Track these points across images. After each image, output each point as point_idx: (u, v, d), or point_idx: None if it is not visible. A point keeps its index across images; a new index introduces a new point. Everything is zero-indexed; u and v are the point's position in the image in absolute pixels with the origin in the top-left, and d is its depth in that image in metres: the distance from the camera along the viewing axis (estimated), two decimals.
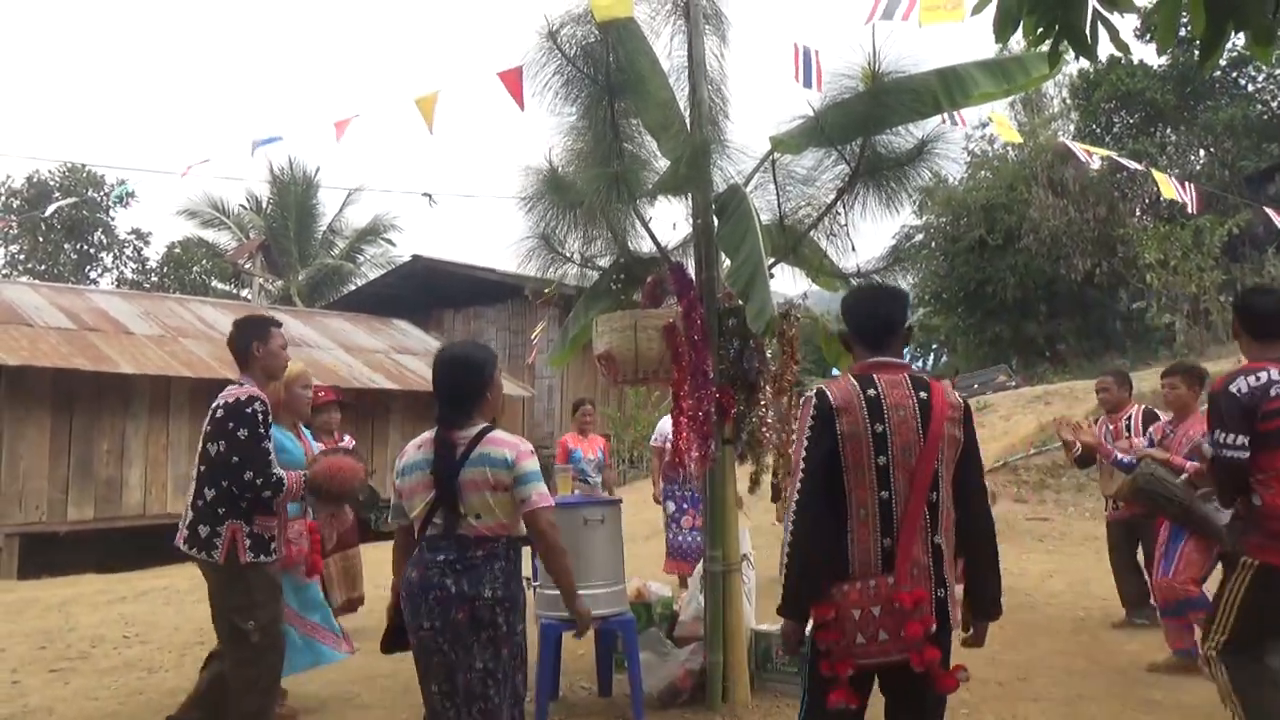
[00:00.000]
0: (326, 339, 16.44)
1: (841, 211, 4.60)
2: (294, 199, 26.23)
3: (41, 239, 29.17)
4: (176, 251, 30.53)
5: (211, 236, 27.46)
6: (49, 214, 23.77)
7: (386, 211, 35.05)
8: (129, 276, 30.76)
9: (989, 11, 2.46)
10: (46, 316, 13.30)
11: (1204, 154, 22.25)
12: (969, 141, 25.31)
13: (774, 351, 4.74)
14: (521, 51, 4.66)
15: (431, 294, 19.32)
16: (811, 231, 4.73)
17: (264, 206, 26.87)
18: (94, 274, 30.44)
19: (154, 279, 30.60)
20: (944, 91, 4.55)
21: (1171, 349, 18.36)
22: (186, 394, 13.14)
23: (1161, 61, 23.01)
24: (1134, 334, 21.58)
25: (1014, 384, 18.81)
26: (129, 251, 31.25)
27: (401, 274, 19.93)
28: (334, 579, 5.69)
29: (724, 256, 4.70)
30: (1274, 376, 3.28)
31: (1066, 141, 9.75)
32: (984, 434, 9.78)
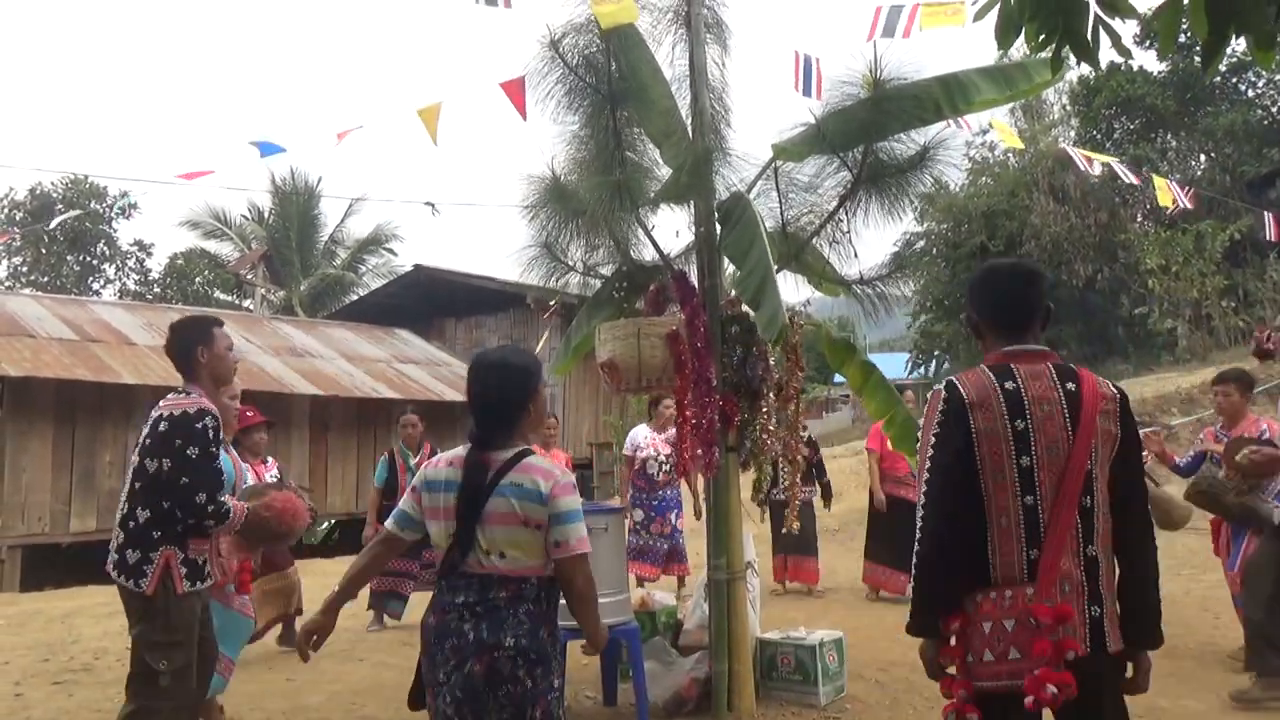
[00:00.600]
0: (329, 349, 16.45)
1: (844, 218, 4.60)
2: (296, 209, 26.32)
3: (44, 251, 29.26)
4: (179, 262, 30.62)
5: (214, 247, 27.60)
6: (53, 227, 23.85)
7: (388, 221, 35.09)
8: (131, 288, 30.83)
9: (990, 18, 2.47)
10: (49, 327, 13.31)
11: (1204, 159, 22.29)
12: (970, 149, 25.36)
13: (777, 359, 4.73)
14: (524, 62, 4.67)
15: (433, 303, 19.34)
16: (814, 239, 4.73)
17: (266, 217, 26.96)
18: (96, 285, 30.53)
19: (156, 290, 30.67)
20: (945, 98, 4.55)
21: (1174, 354, 18.35)
22: None
23: (1162, 67, 23.08)
24: (1136, 339, 21.57)
25: None
26: (131, 263, 31.35)
27: (404, 283, 19.96)
28: (259, 600, 5.44)
29: (727, 264, 4.70)
30: None
31: (1067, 148, 9.75)
32: None
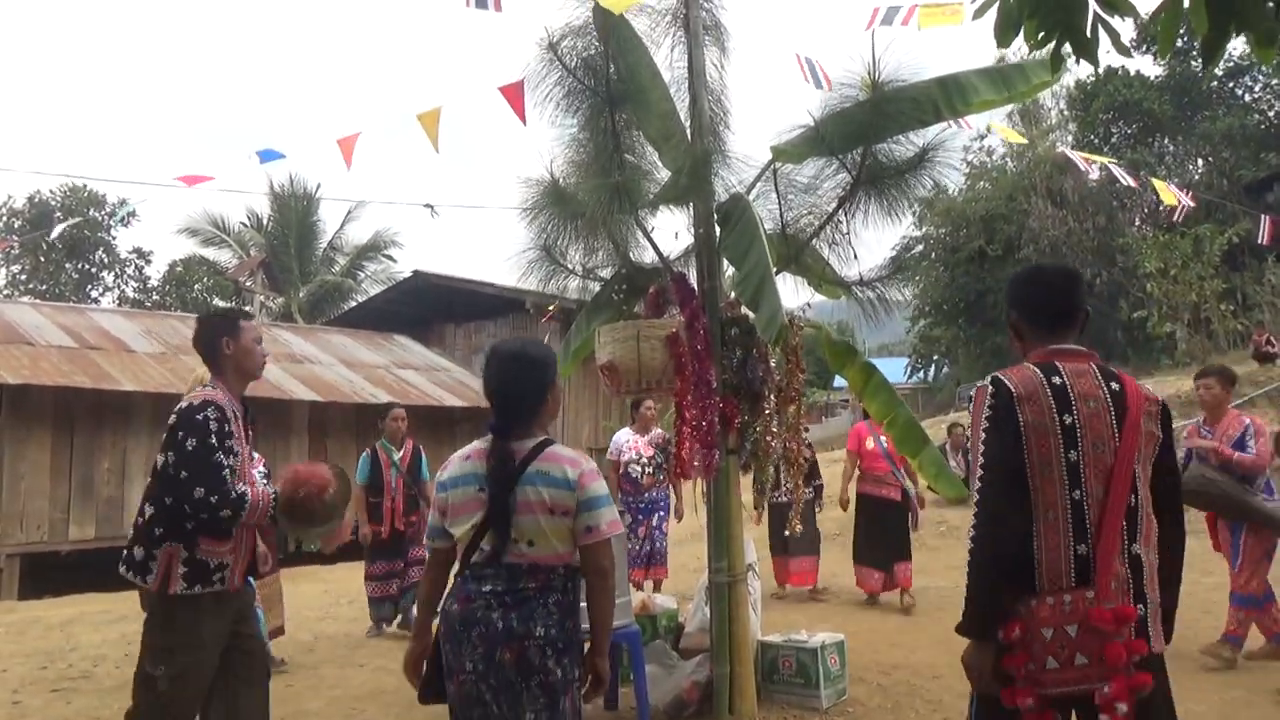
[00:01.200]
0: (328, 354, 16.44)
1: (843, 220, 4.60)
2: (295, 216, 26.34)
3: (43, 259, 29.27)
4: (178, 270, 30.63)
5: (213, 254, 27.59)
6: (54, 236, 23.85)
7: (387, 228, 35.26)
8: (130, 295, 30.84)
9: (989, 17, 2.47)
10: (48, 335, 13.30)
11: (1202, 163, 22.33)
12: (968, 153, 25.42)
13: (778, 361, 4.72)
14: (522, 66, 4.67)
15: (432, 309, 19.34)
16: (814, 240, 4.73)
17: (265, 224, 26.97)
18: (95, 293, 30.54)
19: (155, 297, 30.67)
20: (944, 99, 4.55)
21: (1173, 357, 18.36)
22: None
23: (1159, 72, 23.15)
24: (1135, 343, 21.58)
25: None
26: (130, 270, 31.37)
27: (402, 289, 19.95)
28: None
29: (726, 266, 4.70)
30: None
31: (1066, 150, 9.78)
32: None
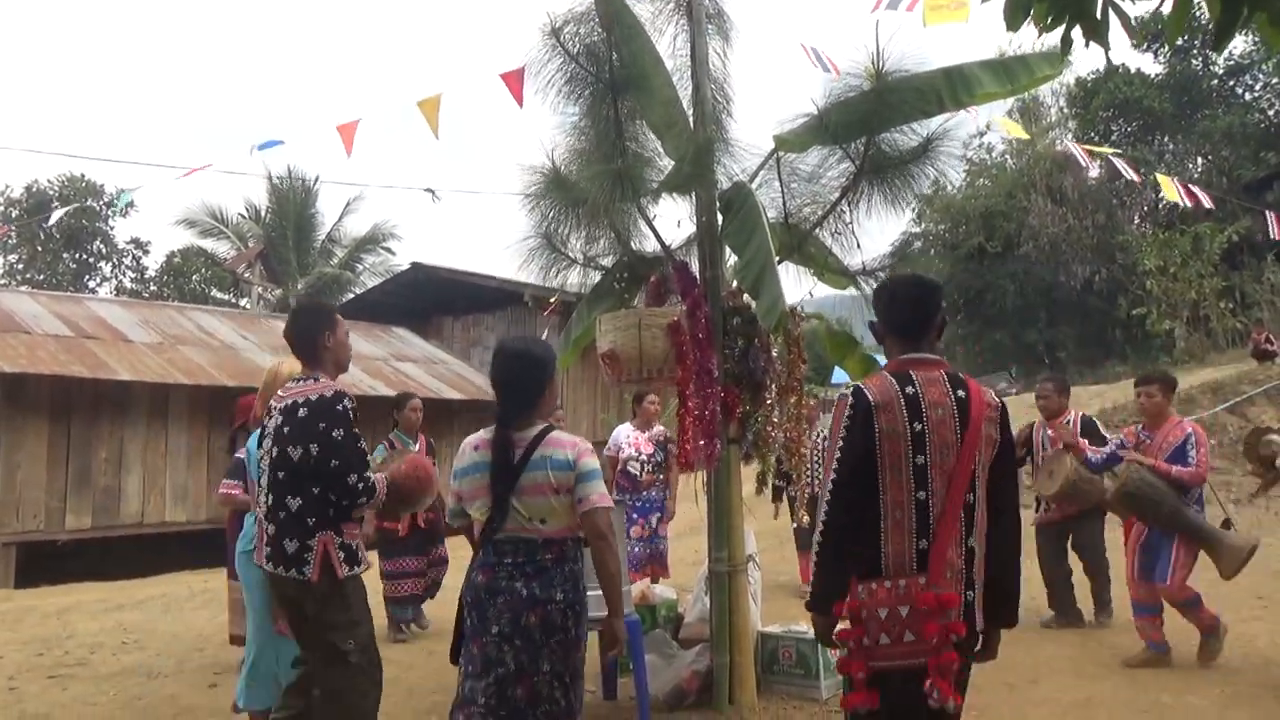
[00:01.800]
0: None
1: (846, 210, 4.58)
2: (293, 208, 26.24)
3: (40, 248, 29.16)
4: (176, 261, 30.53)
5: (210, 246, 27.46)
6: (52, 223, 23.74)
7: (386, 220, 35.12)
8: (128, 286, 30.73)
9: (998, 1, 2.45)
10: (44, 324, 13.24)
11: (1201, 162, 22.32)
12: (968, 149, 25.39)
13: (779, 351, 4.71)
14: (523, 53, 4.65)
15: (431, 301, 19.28)
16: (816, 230, 4.71)
17: (263, 216, 26.86)
18: (93, 283, 30.41)
19: (153, 288, 30.57)
20: (948, 90, 4.54)
21: (1171, 355, 18.35)
22: (185, 402, 13.09)
23: (1159, 70, 23.14)
24: (1134, 341, 21.58)
25: (1015, 391, 18.81)
26: (128, 261, 31.25)
27: (401, 281, 19.88)
28: (231, 605, 5.24)
29: (728, 255, 4.68)
30: None
31: (1070, 144, 9.75)
32: None
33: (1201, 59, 22.89)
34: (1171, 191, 8.94)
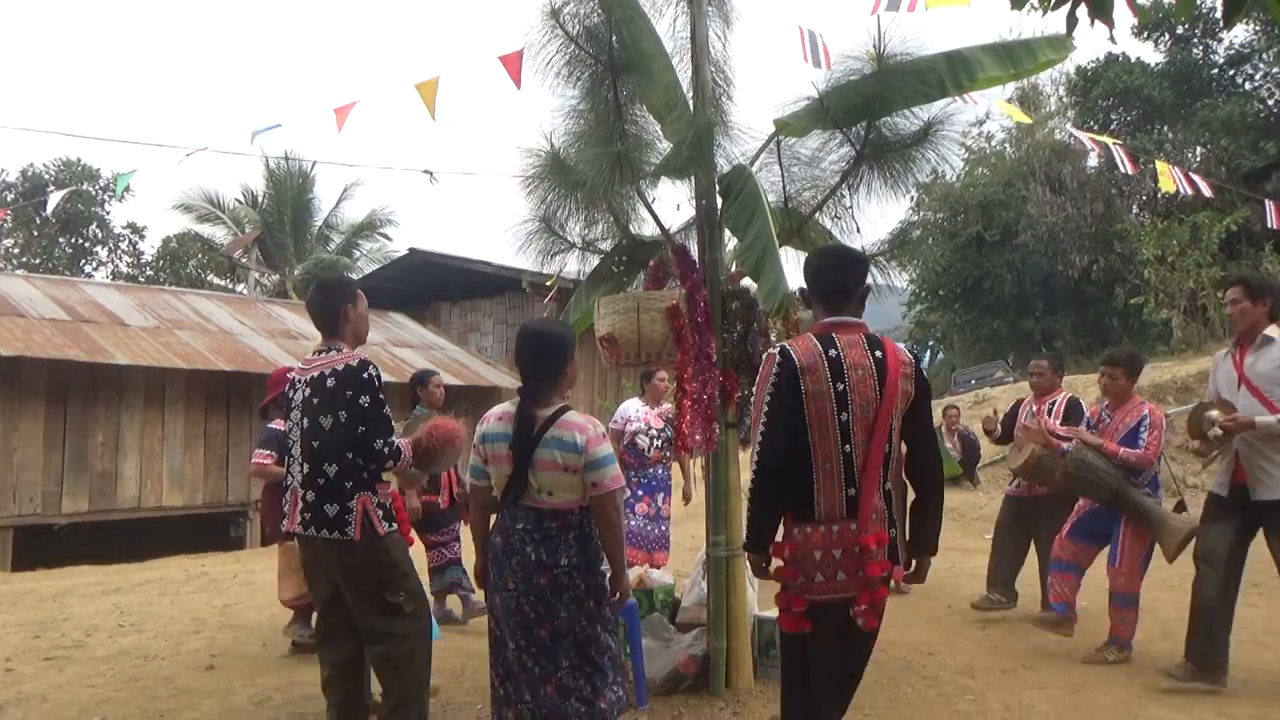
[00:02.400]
0: None
1: (846, 194, 4.56)
2: (290, 194, 26.12)
3: (36, 233, 29.04)
4: (172, 246, 30.42)
5: (207, 231, 27.33)
6: (49, 209, 23.60)
7: (383, 206, 34.94)
8: (124, 270, 30.63)
9: None
10: (41, 308, 13.20)
11: (1201, 151, 22.25)
12: (966, 138, 25.32)
13: (778, 335, 4.69)
14: (522, 34, 4.61)
15: (428, 287, 19.25)
16: (816, 214, 4.69)
17: (260, 201, 26.73)
18: (89, 268, 30.32)
19: (149, 273, 30.47)
20: (950, 75, 4.51)
21: (1169, 344, 18.37)
22: (182, 386, 13.07)
23: (1160, 59, 23.05)
24: (1131, 330, 21.60)
25: (1011, 379, 18.83)
26: (124, 245, 31.15)
27: (398, 267, 19.85)
28: (282, 570, 5.23)
29: (728, 239, 4.66)
30: None
31: (1072, 129, 9.71)
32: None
33: (1202, 48, 22.82)
34: (1168, 181, 8.90)
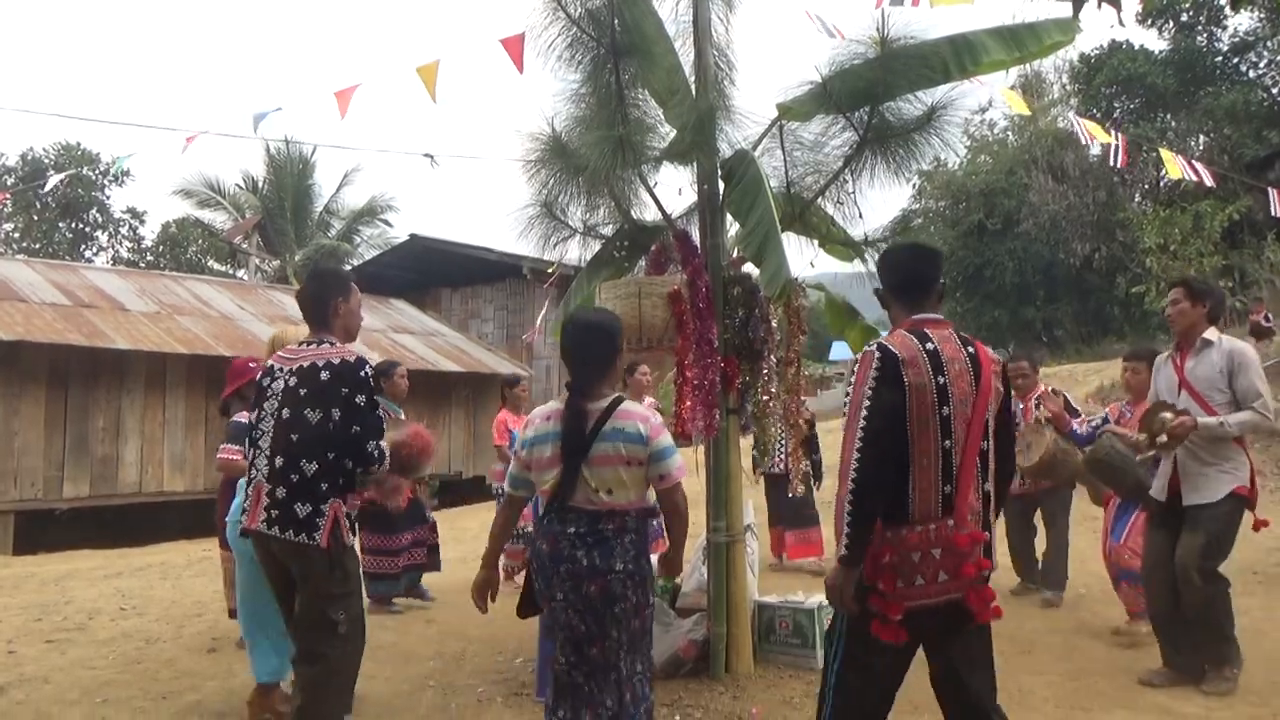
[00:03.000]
0: None
1: (849, 179, 4.54)
2: (290, 180, 26.07)
3: (36, 217, 29.00)
4: (172, 231, 30.38)
5: (207, 216, 27.31)
6: (48, 192, 23.55)
7: (383, 192, 34.95)
8: (124, 255, 30.60)
9: None
10: (41, 293, 13.19)
11: (1204, 139, 22.17)
12: (969, 125, 25.22)
13: (779, 322, 4.68)
14: (523, 17, 4.58)
15: (429, 274, 19.23)
16: (819, 199, 4.67)
17: (260, 187, 26.69)
18: (89, 253, 30.29)
19: (149, 258, 30.44)
20: (954, 58, 4.47)
21: (1169, 334, 18.34)
22: (182, 371, 13.08)
23: (1163, 46, 22.94)
24: (1132, 319, 21.57)
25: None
26: (124, 230, 31.11)
27: (399, 253, 19.81)
28: (228, 578, 4.95)
29: (730, 224, 4.64)
30: None
31: (1074, 117, 9.67)
32: None
33: (1206, 35, 22.71)
34: (1174, 168, 8.88)
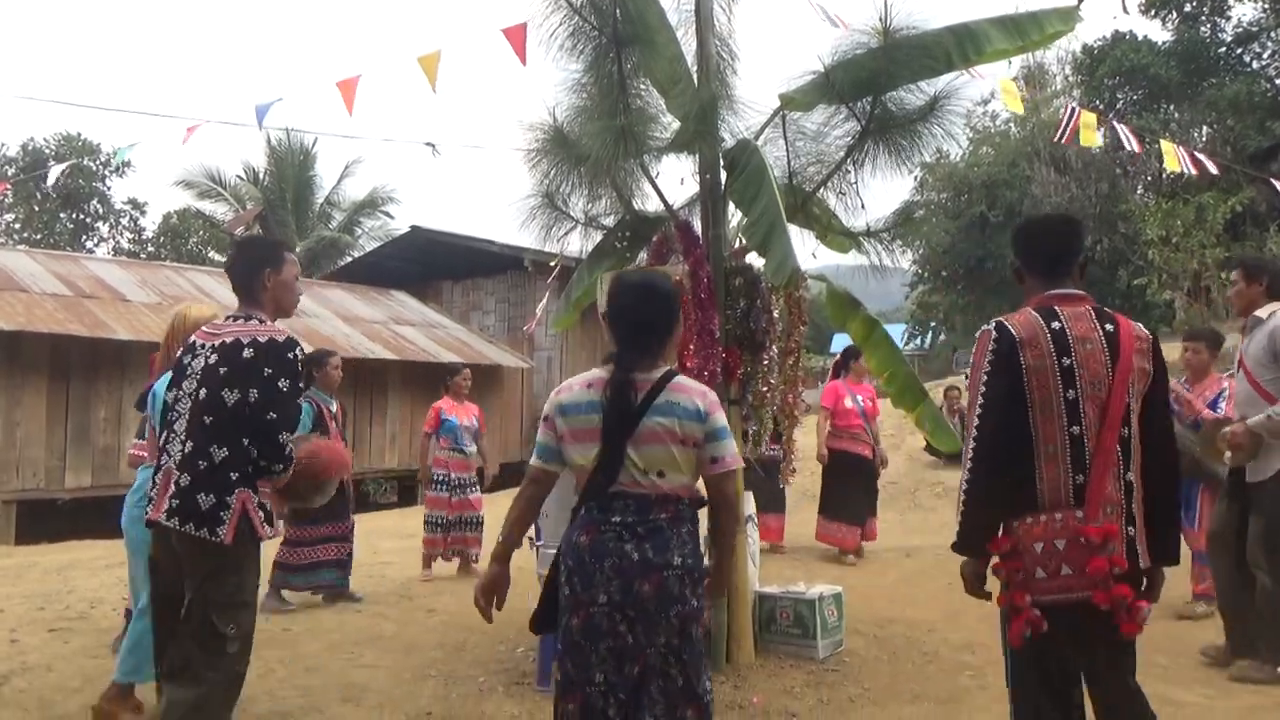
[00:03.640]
0: (325, 309, 16.36)
1: (851, 169, 4.54)
2: (291, 171, 26.05)
3: (37, 208, 28.97)
4: (173, 222, 30.36)
5: (208, 208, 27.32)
6: (49, 182, 23.52)
7: (385, 184, 34.93)
8: (125, 246, 30.59)
9: None
10: (42, 283, 13.19)
11: (1207, 131, 22.10)
12: (971, 117, 25.15)
13: (780, 312, 4.68)
14: (525, 6, 4.57)
15: (430, 265, 19.21)
16: (821, 189, 4.66)
17: (261, 178, 26.67)
18: (90, 244, 30.27)
19: (150, 249, 30.43)
20: (956, 48, 4.47)
21: (1171, 326, 18.33)
22: None
23: (1167, 37, 22.86)
24: (1134, 310, 21.50)
25: None
26: (125, 221, 31.09)
27: (400, 245, 19.80)
28: None
29: (731, 215, 4.64)
30: None
31: (1075, 107, 9.64)
32: None
33: (1210, 25, 22.62)
34: (1173, 160, 8.86)
